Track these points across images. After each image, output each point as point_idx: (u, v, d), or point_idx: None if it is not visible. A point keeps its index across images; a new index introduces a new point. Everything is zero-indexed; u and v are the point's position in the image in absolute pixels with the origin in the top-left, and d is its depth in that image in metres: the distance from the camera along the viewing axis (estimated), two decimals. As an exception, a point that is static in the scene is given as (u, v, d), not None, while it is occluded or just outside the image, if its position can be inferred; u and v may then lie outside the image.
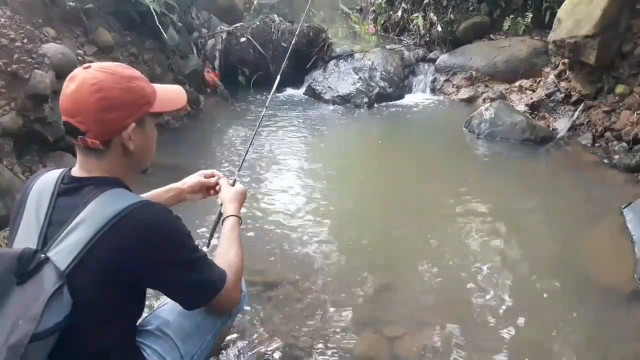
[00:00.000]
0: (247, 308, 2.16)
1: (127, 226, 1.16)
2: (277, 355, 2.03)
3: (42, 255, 1.12)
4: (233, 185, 1.70)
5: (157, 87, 1.34)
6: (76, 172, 1.26)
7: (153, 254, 1.20)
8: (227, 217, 1.56)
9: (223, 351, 2.01)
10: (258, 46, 6.42)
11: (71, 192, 1.22)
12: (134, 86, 1.25)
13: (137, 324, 1.40)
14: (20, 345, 1.02)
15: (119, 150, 1.25)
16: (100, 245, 1.14)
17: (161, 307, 1.48)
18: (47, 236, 1.18)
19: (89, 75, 1.19)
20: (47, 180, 1.27)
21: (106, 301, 1.18)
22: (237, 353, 2.02)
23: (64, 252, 1.14)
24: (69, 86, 1.20)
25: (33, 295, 1.07)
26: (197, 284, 1.28)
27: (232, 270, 1.38)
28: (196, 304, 1.33)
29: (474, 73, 6.02)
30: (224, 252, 1.44)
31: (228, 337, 2.07)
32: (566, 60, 4.93)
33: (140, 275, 1.22)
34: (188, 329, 1.42)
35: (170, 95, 1.38)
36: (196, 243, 1.30)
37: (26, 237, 1.20)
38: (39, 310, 1.04)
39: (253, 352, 2.03)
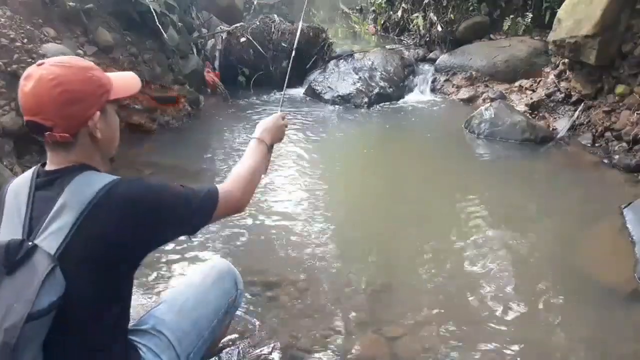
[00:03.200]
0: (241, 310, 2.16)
1: (110, 203, 1.20)
2: (277, 355, 2.03)
3: (30, 244, 1.14)
4: None
5: (111, 75, 1.38)
6: (48, 167, 1.29)
7: (143, 223, 1.24)
8: (252, 139, 1.65)
9: (223, 351, 2.01)
10: (258, 46, 6.42)
11: (47, 185, 1.25)
12: (91, 76, 1.27)
13: (133, 323, 1.41)
14: (16, 327, 1.04)
15: (87, 140, 1.27)
16: (86, 225, 1.17)
17: (156, 307, 1.50)
18: (31, 227, 1.20)
19: (46, 72, 1.20)
20: (22, 180, 1.30)
21: (98, 281, 1.19)
22: (237, 353, 2.01)
23: (51, 237, 1.16)
24: (27, 85, 1.20)
25: (26, 281, 1.09)
26: (193, 214, 1.35)
27: (233, 180, 1.48)
28: (197, 228, 1.40)
29: (474, 73, 6.02)
30: (237, 165, 1.55)
31: (228, 337, 2.07)
32: (566, 60, 4.93)
33: (135, 245, 1.25)
34: (183, 328, 1.44)
35: (124, 81, 1.40)
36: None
37: (10, 233, 1.21)
38: (34, 291, 1.07)
39: (253, 352, 2.03)
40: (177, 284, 1.61)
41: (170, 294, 1.55)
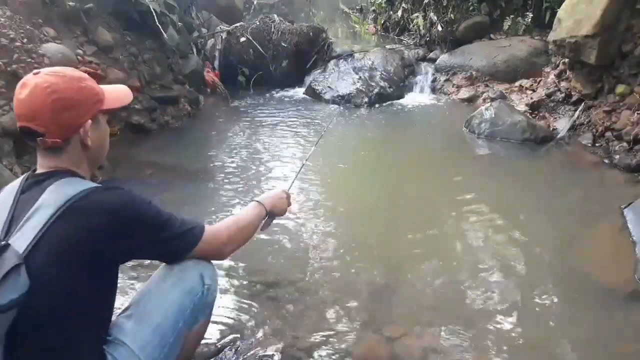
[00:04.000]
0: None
1: (85, 207, 1.23)
2: (276, 355, 2.02)
3: (3, 243, 1.16)
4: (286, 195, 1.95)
5: (104, 87, 1.43)
6: (37, 171, 1.34)
7: (116, 233, 1.26)
8: (254, 200, 1.78)
9: (222, 351, 2.01)
10: (258, 46, 6.42)
11: (31, 187, 1.29)
12: (85, 86, 1.33)
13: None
14: None
15: (77, 147, 1.33)
16: (58, 226, 1.20)
17: (120, 314, 1.47)
18: (10, 228, 1.23)
19: (41, 80, 1.26)
20: (13, 184, 1.35)
21: (65, 284, 1.20)
22: (237, 353, 2.01)
23: (23, 236, 1.19)
24: (22, 92, 1.27)
25: None
26: (172, 240, 1.40)
27: (224, 225, 1.57)
28: (178, 256, 1.47)
29: (474, 73, 6.02)
30: (231, 216, 1.67)
31: (228, 338, 2.07)
32: (566, 60, 4.93)
33: (108, 254, 1.27)
34: (144, 335, 1.41)
35: (117, 93, 1.46)
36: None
37: None
38: None
39: (253, 352, 2.02)
40: (142, 286, 1.56)
41: (133, 299, 1.51)
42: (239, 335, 2.11)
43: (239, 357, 2.00)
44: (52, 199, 1.23)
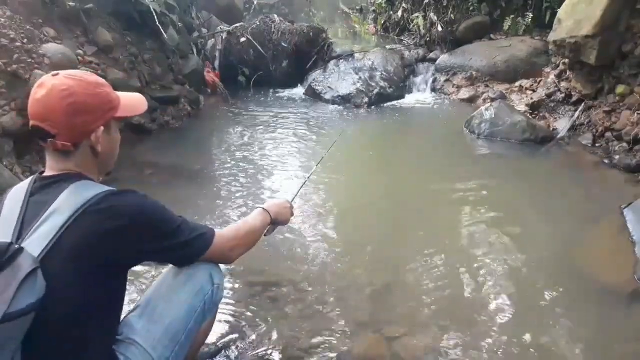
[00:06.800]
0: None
1: (99, 212, 1.23)
2: (276, 355, 2.03)
3: (16, 246, 1.16)
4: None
5: (120, 94, 1.43)
6: (46, 173, 1.33)
7: (127, 238, 1.26)
8: (258, 207, 1.80)
9: (223, 351, 2.01)
10: (258, 46, 6.42)
11: (42, 190, 1.29)
12: (101, 92, 1.34)
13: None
14: None
15: (87, 152, 1.33)
16: (72, 230, 1.19)
17: (130, 314, 1.47)
18: (22, 230, 1.23)
19: (58, 82, 1.27)
20: (20, 186, 1.34)
21: (79, 287, 1.20)
22: (237, 353, 2.02)
23: (37, 240, 1.19)
24: (39, 92, 1.27)
25: (6, 283, 1.09)
26: (183, 246, 1.40)
27: (232, 229, 1.59)
28: (188, 261, 1.48)
29: (474, 73, 6.02)
30: (238, 221, 1.71)
31: (228, 337, 2.07)
32: (566, 60, 4.93)
33: (121, 258, 1.28)
34: (156, 334, 1.42)
35: (132, 101, 1.47)
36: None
37: (2, 237, 1.22)
38: (11, 292, 1.07)
39: (253, 352, 2.03)
40: (151, 285, 1.56)
41: (143, 298, 1.51)
42: (239, 335, 2.11)
43: (239, 357, 2.00)
44: (66, 203, 1.22)
